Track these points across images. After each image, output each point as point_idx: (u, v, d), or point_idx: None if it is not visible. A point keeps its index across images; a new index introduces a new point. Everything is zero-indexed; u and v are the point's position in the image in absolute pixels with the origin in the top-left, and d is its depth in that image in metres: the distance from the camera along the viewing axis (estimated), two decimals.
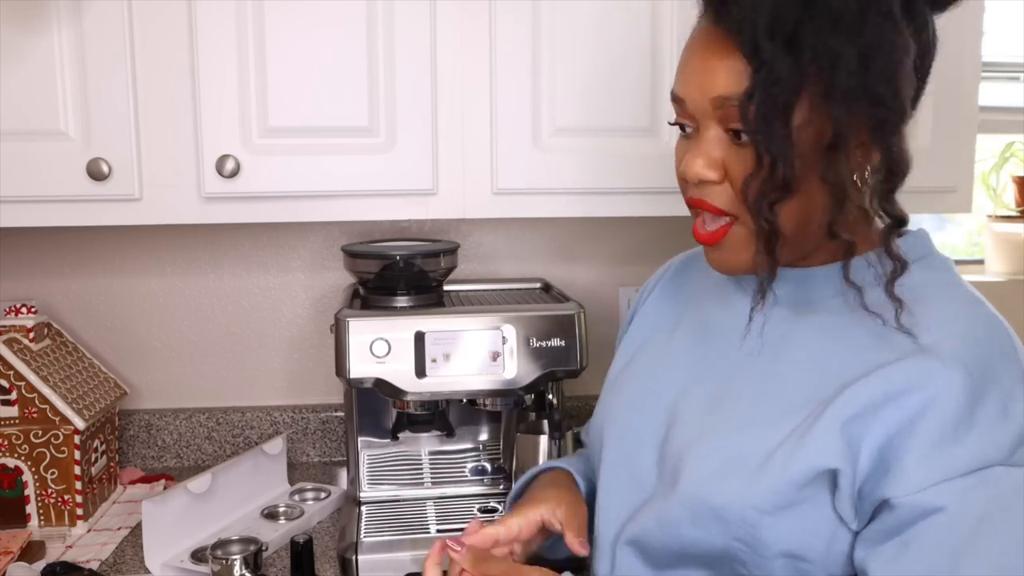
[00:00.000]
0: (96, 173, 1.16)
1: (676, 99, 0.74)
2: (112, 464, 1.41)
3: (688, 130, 0.74)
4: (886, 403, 0.65)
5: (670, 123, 0.77)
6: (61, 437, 1.25)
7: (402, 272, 1.25)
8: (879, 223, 0.73)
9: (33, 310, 1.32)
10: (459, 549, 0.80)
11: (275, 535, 1.24)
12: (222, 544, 1.13)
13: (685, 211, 0.78)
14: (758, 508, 0.69)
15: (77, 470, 1.26)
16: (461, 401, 1.29)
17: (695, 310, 0.87)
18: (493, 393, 1.23)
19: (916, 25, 0.68)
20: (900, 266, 0.68)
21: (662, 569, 0.79)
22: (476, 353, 1.18)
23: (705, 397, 0.78)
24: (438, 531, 1.20)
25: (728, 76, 0.68)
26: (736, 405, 0.75)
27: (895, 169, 0.67)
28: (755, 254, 0.71)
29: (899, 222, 0.69)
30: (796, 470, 0.68)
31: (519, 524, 0.87)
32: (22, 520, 1.26)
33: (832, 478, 0.68)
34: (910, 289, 0.70)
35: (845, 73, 0.64)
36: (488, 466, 1.36)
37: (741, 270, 0.74)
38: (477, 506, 1.29)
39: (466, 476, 1.35)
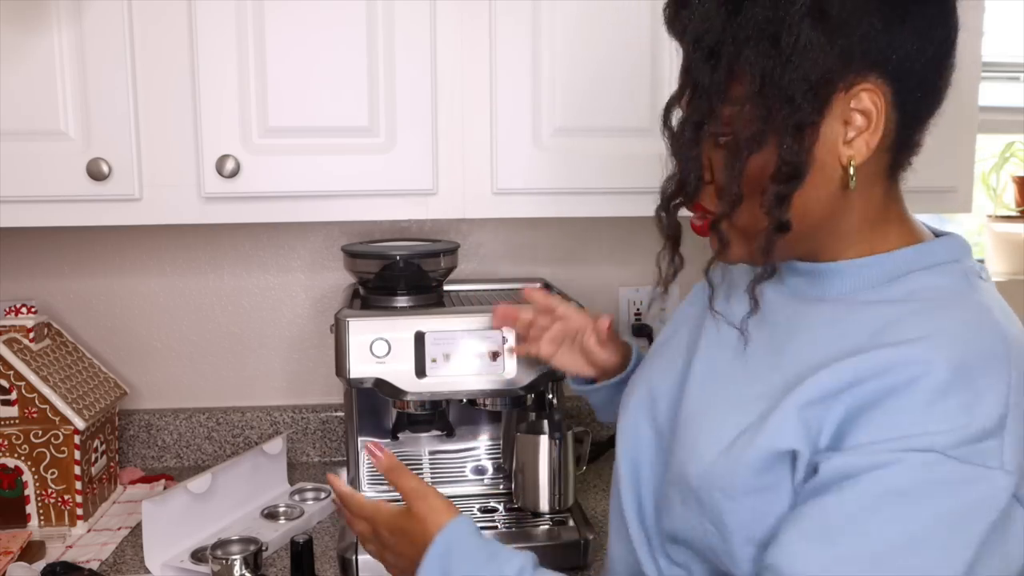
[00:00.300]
0: (96, 173, 1.16)
1: None
2: (112, 464, 1.41)
3: None
4: (850, 388, 0.66)
5: None
6: (61, 437, 1.25)
7: (402, 272, 1.25)
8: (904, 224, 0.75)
9: (33, 310, 1.32)
10: (379, 455, 0.86)
11: (275, 535, 1.24)
12: (222, 544, 1.13)
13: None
14: (723, 491, 0.71)
15: (77, 470, 1.26)
16: (461, 401, 1.29)
17: (729, 290, 0.88)
18: (493, 393, 1.23)
19: (845, 31, 0.67)
20: (770, 270, 0.71)
21: (662, 546, 0.81)
22: (476, 353, 1.18)
23: (702, 379, 0.81)
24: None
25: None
26: (725, 390, 0.77)
27: (779, 172, 0.68)
28: (742, 256, 0.75)
29: (780, 226, 0.70)
30: (754, 454, 0.69)
31: (574, 310, 1.05)
32: (22, 520, 1.26)
33: (792, 461, 0.68)
34: (911, 293, 0.70)
35: (759, 79, 0.67)
36: (488, 466, 1.36)
37: (739, 259, 0.77)
38: (477, 506, 1.29)
39: (466, 476, 1.35)
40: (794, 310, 0.76)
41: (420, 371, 1.17)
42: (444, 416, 1.31)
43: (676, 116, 0.78)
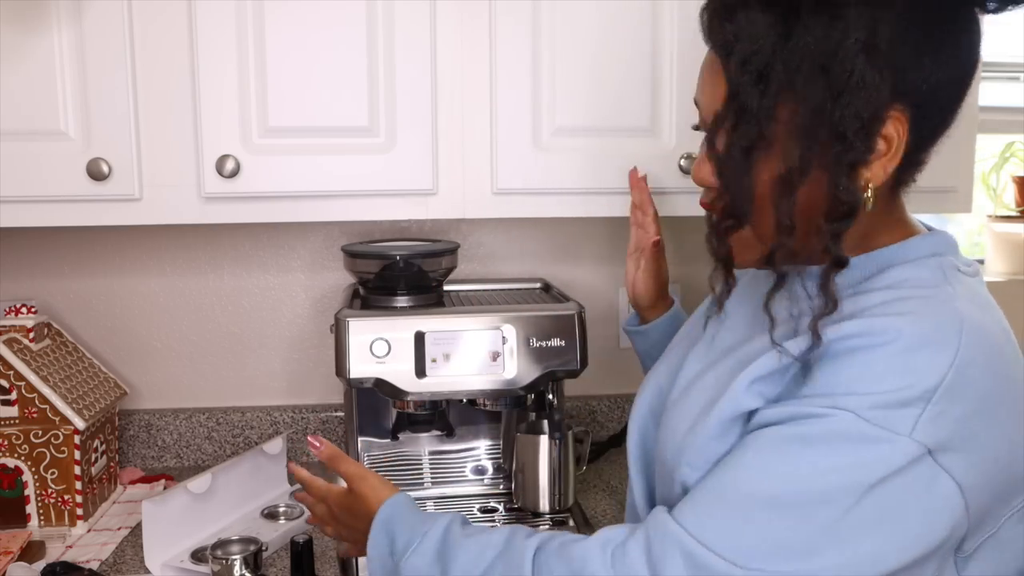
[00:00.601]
0: (96, 173, 1.16)
1: (696, 104, 0.78)
2: (112, 464, 1.41)
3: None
4: (802, 356, 0.70)
5: (693, 127, 0.81)
6: (61, 437, 1.25)
7: (402, 272, 1.25)
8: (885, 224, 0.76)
9: (33, 310, 1.32)
10: (319, 445, 0.97)
11: (275, 535, 1.24)
12: (222, 544, 1.13)
13: (686, 211, 0.79)
14: (690, 464, 0.76)
15: (77, 470, 1.26)
16: (461, 401, 1.29)
17: (738, 292, 0.91)
18: (493, 393, 1.23)
19: (898, 61, 0.68)
20: (831, 305, 0.70)
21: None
22: (476, 353, 1.18)
23: (688, 372, 0.85)
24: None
25: (720, 94, 0.72)
26: (700, 379, 0.82)
27: (834, 210, 0.70)
28: (758, 259, 0.76)
29: (838, 262, 0.71)
30: (714, 422, 0.74)
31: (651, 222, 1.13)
32: (22, 520, 1.26)
33: (745, 423, 0.73)
34: (887, 285, 0.73)
35: (809, 109, 0.67)
36: (488, 466, 1.36)
37: (743, 264, 0.79)
38: (477, 506, 1.29)
39: (466, 476, 1.35)
40: (775, 306, 0.78)
41: (420, 371, 1.17)
42: (444, 416, 1.31)
43: (671, 113, 0.79)
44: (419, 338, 1.18)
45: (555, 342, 1.19)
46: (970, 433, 0.66)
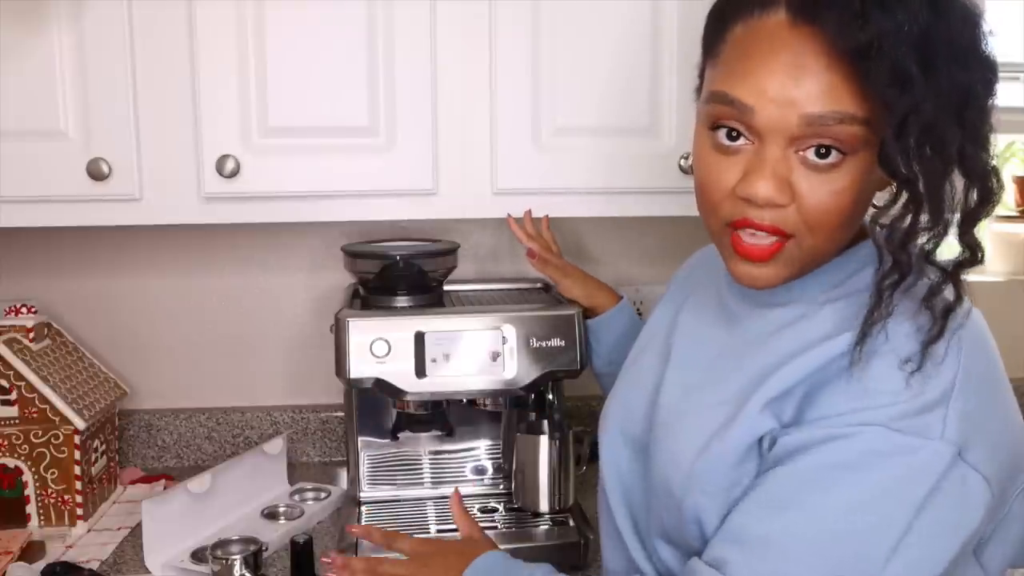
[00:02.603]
0: (96, 173, 1.16)
1: (738, 105, 0.66)
2: (112, 464, 1.41)
3: (741, 141, 0.68)
4: (813, 374, 0.68)
5: (713, 127, 0.69)
6: (61, 437, 1.25)
7: (402, 272, 1.25)
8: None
9: (33, 310, 1.32)
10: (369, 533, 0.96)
11: (275, 535, 1.24)
12: (222, 544, 1.13)
13: (685, 211, 0.78)
14: (703, 491, 0.73)
15: (77, 470, 1.26)
16: (461, 401, 1.29)
17: (693, 301, 0.89)
18: (493, 393, 1.23)
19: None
20: (956, 301, 0.65)
21: (656, 551, 0.82)
22: (476, 353, 1.18)
23: (673, 390, 0.82)
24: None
25: (829, 92, 0.63)
26: (695, 399, 0.78)
27: (988, 196, 0.66)
28: (791, 277, 0.72)
29: (973, 257, 0.66)
30: (730, 449, 0.71)
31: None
32: (22, 520, 1.26)
33: (759, 449, 0.71)
34: (867, 285, 0.69)
35: (975, 105, 0.65)
36: (488, 466, 1.36)
37: (775, 285, 0.72)
38: (477, 506, 1.29)
39: (466, 476, 1.35)
40: (759, 316, 0.77)
41: (420, 371, 1.17)
42: (444, 416, 1.31)
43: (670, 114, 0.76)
44: (419, 338, 1.17)
45: (555, 342, 1.19)
46: (982, 424, 0.66)
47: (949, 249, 0.67)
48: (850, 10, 0.61)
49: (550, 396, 1.28)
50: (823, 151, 0.65)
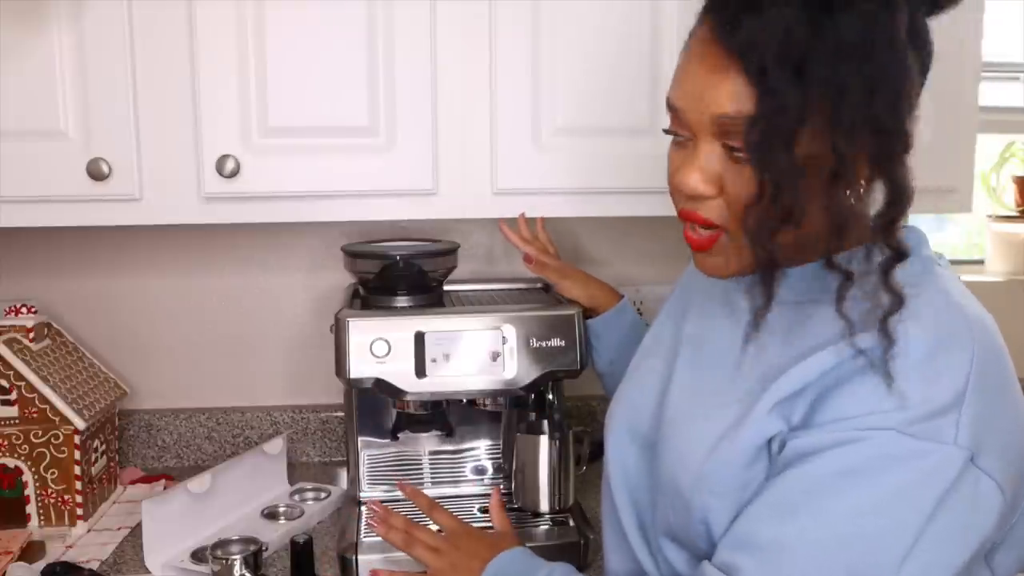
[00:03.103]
0: (96, 173, 1.16)
1: (672, 108, 0.73)
2: (112, 464, 1.41)
3: (681, 139, 0.74)
4: (822, 376, 0.68)
5: (664, 130, 0.76)
6: (61, 437, 1.25)
7: (402, 272, 1.25)
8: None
9: (33, 310, 1.32)
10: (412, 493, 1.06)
11: (275, 535, 1.24)
12: (222, 544, 1.13)
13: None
14: (712, 492, 0.73)
15: (77, 470, 1.26)
16: (461, 401, 1.29)
17: (700, 300, 0.89)
18: (493, 393, 1.23)
19: (918, 44, 0.68)
20: (897, 301, 0.67)
21: (661, 550, 0.82)
22: (476, 353, 1.18)
23: (681, 391, 0.82)
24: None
25: (731, 96, 0.67)
26: (703, 399, 0.79)
27: (897, 199, 0.67)
28: (744, 269, 0.73)
29: (899, 255, 0.68)
30: (740, 450, 0.71)
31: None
32: (22, 520, 1.26)
33: (768, 451, 0.71)
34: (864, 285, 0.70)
35: (850, 103, 0.64)
36: (488, 466, 1.36)
37: (728, 275, 0.76)
38: (477, 506, 1.29)
39: (466, 476, 1.35)
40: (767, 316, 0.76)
41: (420, 371, 1.17)
42: (444, 416, 1.31)
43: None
44: (419, 338, 1.17)
45: (555, 342, 1.19)
46: (994, 428, 0.66)
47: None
48: (728, 13, 0.66)
49: (550, 396, 1.28)
50: (739, 147, 0.68)
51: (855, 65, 0.63)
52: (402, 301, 1.27)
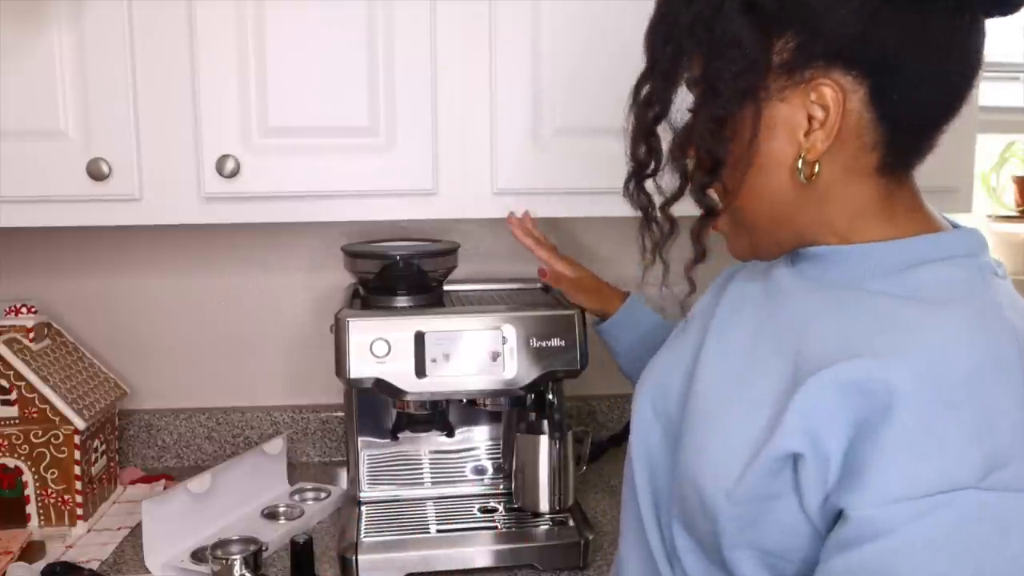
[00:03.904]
0: (96, 173, 1.16)
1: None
2: (112, 464, 1.41)
3: None
4: (850, 398, 0.62)
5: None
6: (61, 437, 1.25)
7: (402, 272, 1.25)
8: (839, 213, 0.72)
9: (33, 310, 1.32)
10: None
11: (275, 535, 1.24)
12: (222, 544, 1.13)
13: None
14: (728, 495, 0.69)
15: (77, 470, 1.26)
16: (461, 401, 1.29)
17: (740, 281, 0.87)
18: (493, 393, 1.23)
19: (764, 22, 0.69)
20: (701, 254, 0.72)
21: (672, 539, 0.80)
22: (476, 353, 1.18)
23: (710, 375, 0.78)
24: (438, 531, 1.20)
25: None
26: (733, 389, 0.75)
27: (701, 163, 0.70)
28: (757, 246, 0.76)
29: (709, 212, 0.72)
30: (766, 460, 0.66)
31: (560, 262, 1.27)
32: (22, 520, 1.26)
33: (794, 464, 0.66)
34: (921, 286, 0.67)
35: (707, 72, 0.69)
36: (488, 466, 1.36)
37: (747, 255, 0.78)
38: (477, 506, 1.29)
39: (466, 476, 1.35)
40: (802, 299, 0.74)
41: (420, 371, 1.17)
42: (444, 416, 1.31)
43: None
44: (419, 338, 1.17)
45: (555, 342, 1.19)
46: None
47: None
48: None
49: (550, 396, 1.28)
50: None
51: (698, 36, 0.69)
52: (402, 301, 1.27)
